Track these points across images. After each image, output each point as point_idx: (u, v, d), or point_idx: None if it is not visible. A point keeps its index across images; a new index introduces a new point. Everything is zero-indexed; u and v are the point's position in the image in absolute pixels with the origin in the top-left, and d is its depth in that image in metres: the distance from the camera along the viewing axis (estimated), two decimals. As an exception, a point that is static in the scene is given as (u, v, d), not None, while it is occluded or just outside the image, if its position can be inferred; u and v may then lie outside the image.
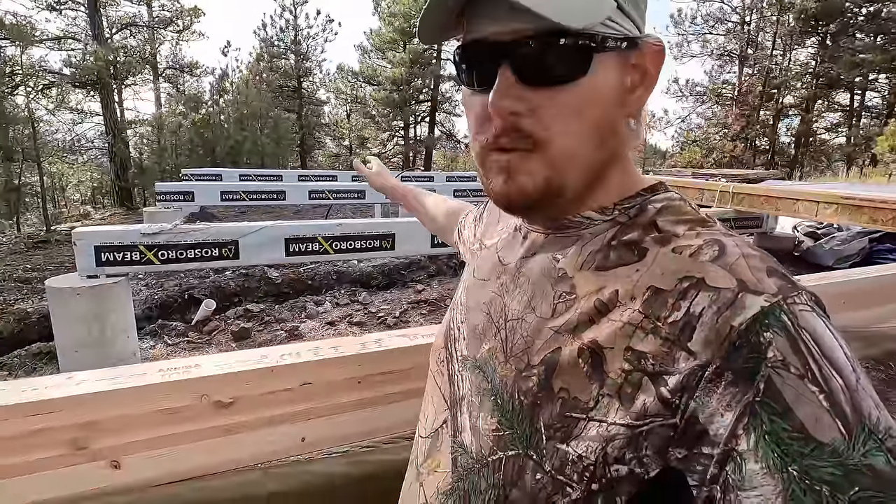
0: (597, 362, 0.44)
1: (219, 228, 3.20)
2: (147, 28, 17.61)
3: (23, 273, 6.35)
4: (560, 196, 0.50)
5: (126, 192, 15.85)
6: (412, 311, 4.54)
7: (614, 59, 0.47)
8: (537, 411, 0.46)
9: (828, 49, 21.05)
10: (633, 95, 0.49)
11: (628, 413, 0.41)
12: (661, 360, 0.40)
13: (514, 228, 0.63)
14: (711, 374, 0.37)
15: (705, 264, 0.43)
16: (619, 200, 0.52)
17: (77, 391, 1.05)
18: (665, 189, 0.53)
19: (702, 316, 0.40)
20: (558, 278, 0.52)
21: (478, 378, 0.56)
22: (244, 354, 1.27)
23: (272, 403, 1.23)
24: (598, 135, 0.48)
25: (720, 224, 0.49)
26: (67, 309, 2.85)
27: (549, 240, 0.56)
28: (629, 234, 0.49)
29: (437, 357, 0.68)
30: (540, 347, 0.49)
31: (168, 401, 1.12)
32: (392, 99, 21.83)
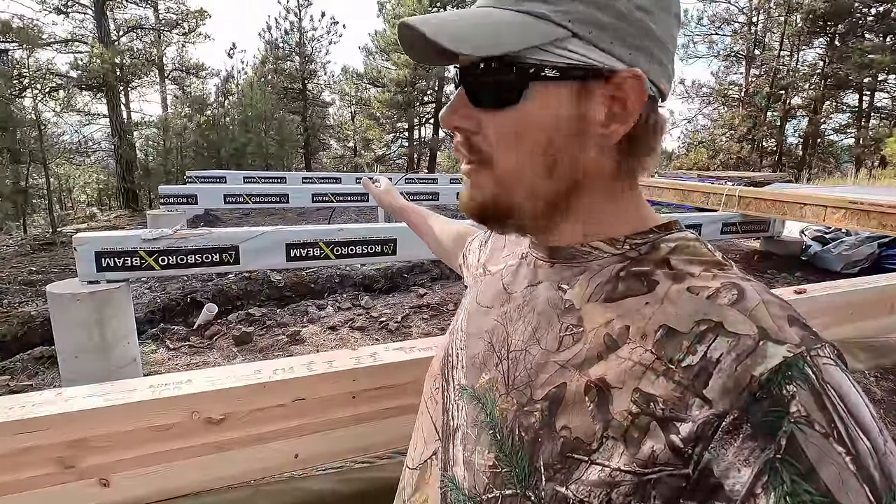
0: (603, 401, 0.42)
1: (219, 234, 3.20)
2: (153, 30, 17.72)
3: (28, 276, 6.39)
4: (510, 216, 0.51)
5: (132, 194, 15.94)
6: (414, 316, 4.52)
7: (562, 89, 0.46)
8: (538, 449, 0.44)
9: (836, 50, 20.89)
10: (608, 129, 0.47)
11: (634, 459, 0.38)
12: (672, 406, 0.38)
13: (521, 256, 0.61)
14: (729, 426, 0.35)
15: (724, 308, 0.40)
16: (630, 234, 0.50)
17: (66, 408, 1.04)
18: (680, 228, 0.51)
19: (719, 362, 0.38)
20: (565, 310, 0.50)
21: (475, 409, 0.53)
22: (236, 369, 1.26)
23: (264, 419, 1.21)
24: (544, 162, 0.48)
25: (736, 268, 0.47)
26: (68, 314, 2.85)
27: (555, 269, 0.54)
28: (639, 267, 0.48)
29: (431, 383, 0.66)
30: (544, 381, 0.47)
31: (158, 417, 1.10)
32: (396, 101, 21.84)
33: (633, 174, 0.51)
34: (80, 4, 16.24)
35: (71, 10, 16.16)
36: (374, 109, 22.94)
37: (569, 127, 0.47)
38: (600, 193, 0.51)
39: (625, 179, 0.51)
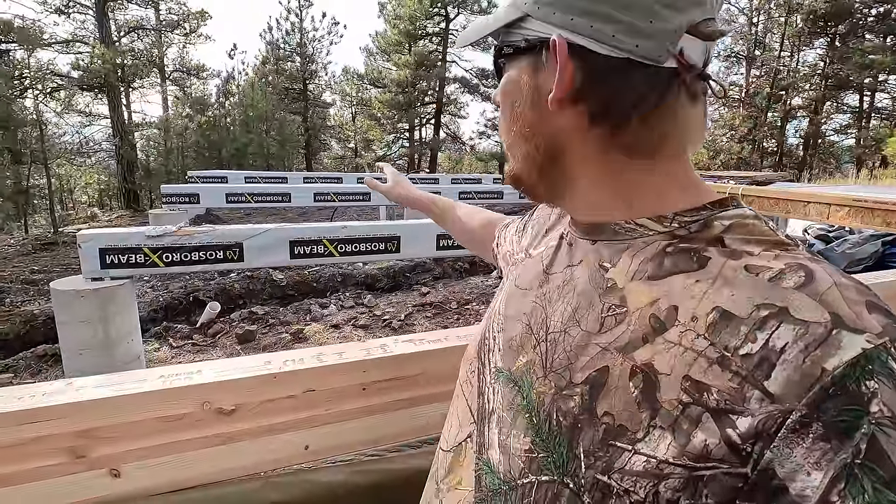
0: (649, 388, 0.39)
1: (223, 231, 3.19)
2: (154, 31, 17.73)
3: (29, 275, 6.38)
4: (523, 184, 0.55)
5: (133, 194, 15.94)
6: (417, 315, 4.51)
7: (524, 63, 0.50)
8: (577, 435, 0.42)
9: (837, 50, 20.90)
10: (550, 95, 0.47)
11: (685, 452, 0.36)
12: (728, 397, 0.35)
13: (561, 236, 0.60)
14: (796, 423, 0.32)
15: (788, 291, 0.37)
16: (680, 211, 0.47)
17: (76, 398, 1.03)
18: (737, 204, 0.47)
19: (784, 352, 0.34)
20: (607, 289, 0.47)
21: (511, 392, 0.52)
22: (247, 361, 1.25)
23: (275, 411, 1.20)
24: (519, 133, 0.52)
25: (804, 248, 0.43)
26: (72, 311, 2.84)
27: (596, 247, 0.51)
28: (688, 244, 0.45)
29: (468, 366, 0.64)
30: (584, 364, 0.45)
31: (169, 408, 1.09)
32: (397, 101, 21.85)
33: (632, 148, 0.47)
34: (81, 5, 16.26)
35: (72, 10, 16.18)
36: (375, 110, 22.96)
37: (528, 100, 0.50)
38: (595, 167, 0.50)
39: (622, 154, 0.48)
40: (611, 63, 0.44)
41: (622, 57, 0.44)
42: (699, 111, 0.48)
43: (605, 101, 0.46)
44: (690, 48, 0.44)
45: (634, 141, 0.47)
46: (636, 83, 0.45)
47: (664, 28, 0.43)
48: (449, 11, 22.13)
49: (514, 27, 0.50)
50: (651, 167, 0.49)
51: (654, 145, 0.47)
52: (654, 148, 0.48)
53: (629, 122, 0.46)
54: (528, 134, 0.51)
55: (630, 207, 0.49)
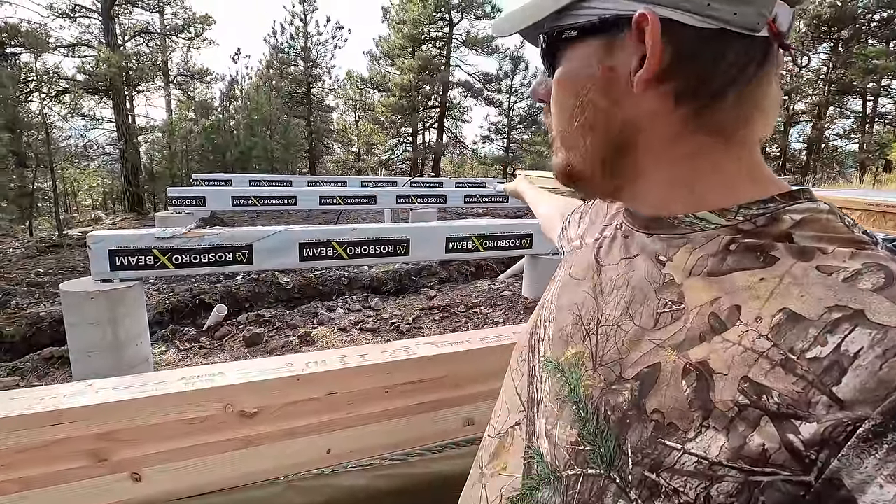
0: (703, 387, 0.38)
1: (233, 233, 3.18)
2: (159, 35, 17.81)
3: (35, 277, 6.38)
4: (578, 178, 0.51)
5: (137, 197, 15.97)
6: (425, 318, 4.49)
7: (588, 46, 0.46)
8: (625, 430, 0.41)
9: (840, 55, 20.89)
10: (636, 76, 0.44)
11: (740, 455, 0.34)
12: (791, 402, 0.33)
13: (616, 227, 0.58)
14: (868, 433, 0.31)
15: (866, 293, 0.35)
16: (745, 203, 0.44)
17: (97, 400, 1.01)
18: (810, 197, 0.43)
19: (857, 358, 0.32)
20: (664, 284, 0.46)
21: (559, 383, 0.51)
22: (268, 362, 1.23)
23: (297, 414, 1.18)
24: (583, 122, 0.48)
25: (883, 246, 0.40)
26: (81, 313, 2.82)
27: (653, 240, 0.49)
28: (754, 240, 0.42)
29: (518, 355, 0.63)
30: (636, 360, 0.44)
31: (191, 410, 1.07)
32: (401, 105, 21.90)
33: (717, 129, 0.44)
34: (87, 9, 16.35)
35: (78, 14, 16.27)
36: (379, 114, 23.01)
37: (600, 84, 0.46)
38: (668, 153, 0.46)
39: (705, 135, 0.45)
40: (703, 35, 0.41)
41: (716, 28, 0.41)
42: (778, 88, 0.46)
43: (697, 77, 0.43)
44: (782, 15, 0.43)
45: (718, 122, 0.44)
46: (733, 56, 0.42)
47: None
48: (452, 16, 22.21)
49: (571, 9, 0.46)
50: (725, 153, 0.46)
51: (736, 127, 0.45)
52: (735, 130, 0.45)
53: (720, 101, 0.43)
54: (599, 122, 0.47)
55: (693, 198, 0.46)
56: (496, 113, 25.00)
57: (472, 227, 3.85)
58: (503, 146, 25.02)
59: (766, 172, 0.47)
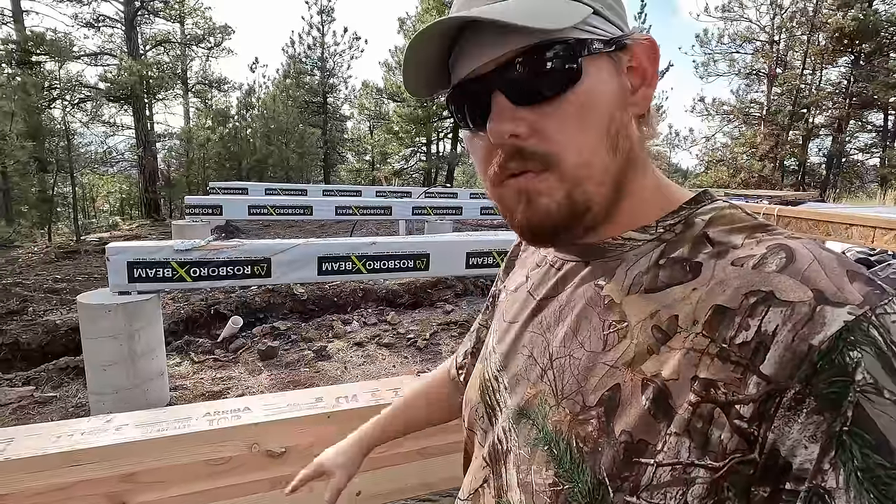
0: (661, 398, 0.39)
1: (251, 246, 3.13)
2: (180, 45, 18.10)
3: (53, 283, 6.41)
4: (588, 210, 0.46)
5: (154, 204, 16.15)
6: (442, 333, 4.40)
7: (606, 62, 0.45)
8: (598, 459, 0.41)
9: (862, 69, 20.59)
10: (636, 95, 0.47)
11: (706, 453, 0.36)
12: (734, 388, 0.36)
13: (549, 264, 0.58)
14: (790, 401, 0.33)
15: (772, 275, 0.38)
16: (661, 217, 0.48)
17: (116, 439, 0.94)
18: (711, 199, 0.48)
19: (776, 335, 0.35)
20: (605, 307, 0.47)
21: (526, 427, 0.50)
22: (296, 396, 1.16)
23: (327, 453, 1.10)
24: (609, 139, 0.45)
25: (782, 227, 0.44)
26: (98, 325, 2.79)
27: (590, 268, 0.51)
28: (678, 251, 0.45)
29: (470, 411, 0.61)
30: (595, 385, 0.44)
31: (215, 450, 1.00)
32: (416, 115, 21.97)
33: (650, 135, 0.49)
34: (111, 19, 16.68)
35: (101, 24, 16.61)
36: (394, 123, 23.10)
37: (618, 99, 0.45)
38: (640, 168, 0.48)
39: (644, 152, 0.49)
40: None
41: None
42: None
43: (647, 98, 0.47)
44: None
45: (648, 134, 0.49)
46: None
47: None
48: (468, 27, 22.30)
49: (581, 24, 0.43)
50: (646, 172, 0.49)
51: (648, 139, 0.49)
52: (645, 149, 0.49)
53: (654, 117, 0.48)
54: (620, 142, 0.45)
55: (624, 220, 0.48)
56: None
57: (493, 241, 3.77)
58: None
59: (667, 184, 0.50)
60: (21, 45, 13.66)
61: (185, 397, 3.30)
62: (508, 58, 0.43)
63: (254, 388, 3.46)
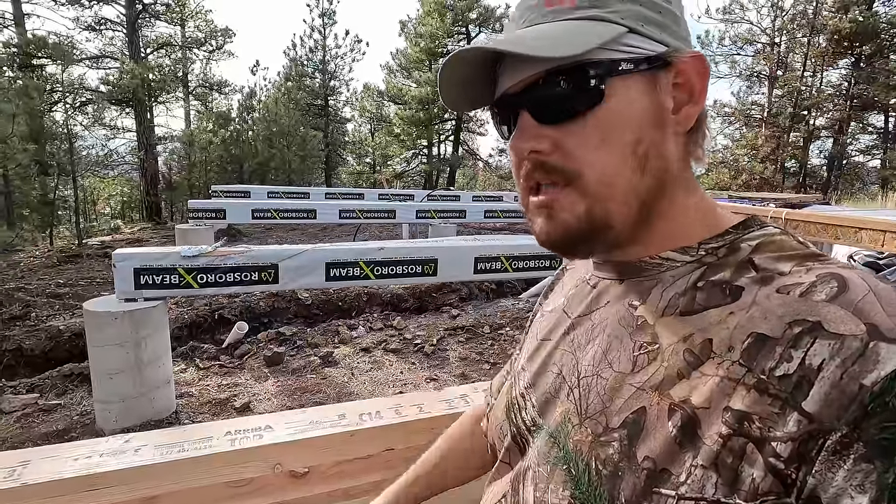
0: (689, 426, 0.37)
1: (259, 252, 3.10)
2: (181, 48, 18.10)
3: (55, 288, 6.37)
4: (609, 227, 0.46)
5: (155, 207, 16.13)
6: (449, 339, 4.36)
7: (638, 81, 0.44)
8: (617, 484, 0.40)
9: (862, 71, 20.59)
10: (679, 114, 0.46)
11: (734, 491, 0.34)
12: (770, 423, 0.33)
13: (584, 281, 0.57)
14: (836, 444, 0.31)
15: (820, 305, 0.35)
16: (704, 239, 0.46)
17: (134, 461, 0.91)
18: (760, 224, 0.46)
19: (821, 370, 0.33)
20: (637, 327, 0.46)
21: (547, 445, 0.49)
22: (318, 413, 1.12)
23: (351, 472, 1.07)
24: (636, 159, 0.44)
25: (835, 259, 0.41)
26: (104, 333, 2.75)
27: (624, 286, 0.50)
28: (719, 274, 0.43)
29: (495, 429, 0.62)
30: (620, 407, 0.43)
31: (237, 472, 0.97)
32: (417, 118, 21.97)
33: (690, 167, 0.48)
34: (112, 22, 16.69)
35: (103, 27, 16.62)
36: (395, 126, 23.10)
37: (651, 118, 0.45)
38: (680, 189, 0.47)
39: (689, 172, 0.48)
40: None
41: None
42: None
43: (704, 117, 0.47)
44: None
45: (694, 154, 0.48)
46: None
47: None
48: (470, 30, 22.34)
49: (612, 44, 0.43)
50: (690, 192, 0.48)
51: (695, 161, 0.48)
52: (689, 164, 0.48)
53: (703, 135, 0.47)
54: (650, 161, 0.45)
55: (661, 240, 0.47)
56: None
57: (501, 246, 3.73)
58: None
59: (714, 206, 0.49)
60: (23, 49, 13.66)
61: (192, 405, 3.26)
62: (534, 79, 0.45)
63: (260, 395, 3.42)
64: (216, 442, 0.98)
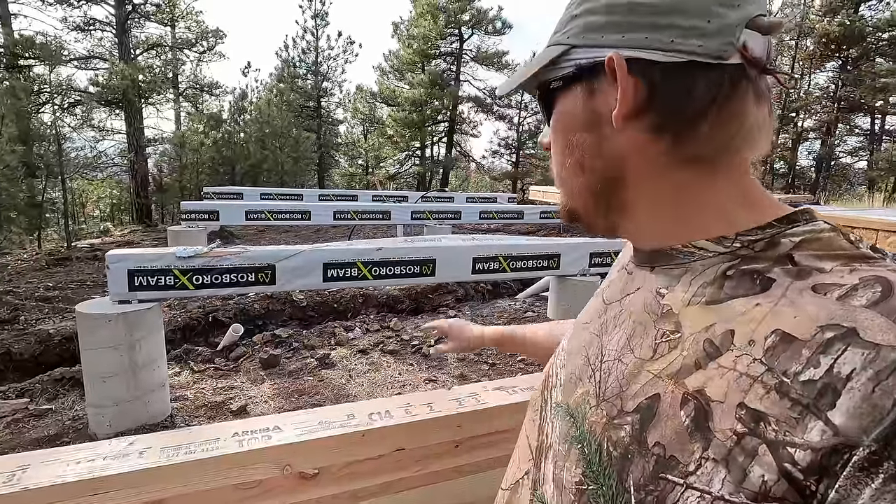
0: (701, 417, 0.37)
1: (255, 252, 3.05)
2: (171, 49, 17.92)
3: (44, 291, 6.27)
4: (576, 218, 0.54)
5: (146, 209, 15.94)
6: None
7: (576, 91, 0.48)
8: (627, 466, 0.40)
9: (849, 73, 20.87)
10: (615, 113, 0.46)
11: (741, 488, 0.33)
12: (787, 428, 0.32)
13: (622, 267, 0.59)
14: (864, 461, 0.29)
15: (858, 310, 0.33)
16: (743, 231, 0.44)
17: (140, 464, 0.88)
18: (810, 218, 0.43)
19: (850, 380, 0.31)
20: (662, 315, 0.46)
21: (567, 424, 0.51)
22: (327, 413, 1.10)
23: (361, 473, 1.04)
24: (573, 162, 0.50)
25: (892, 260, 0.38)
26: (97, 335, 2.69)
27: (655, 274, 0.50)
28: (752, 265, 0.42)
29: (532, 405, 0.64)
30: (635, 392, 0.43)
31: (246, 474, 0.94)
32: (411, 119, 21.93)
33: (701, 158, 0.45)
34: (101, 22, 16.50)
35: (92, 28, 16.42)
36: (388, 127, 23.04)
37: (584, 125, 0.48)
38: (656, 185, 0.47)
39: (690, 165, 0.45)
40: (673, 69, 0.43)
41: (684, 60, 0.42)
42: (765, 112, 0.45)
43: (670, 108, 0.44)
44: (753, 42, 0.42)
45: (699, 150, 0.45)
46: (702, 85, 0.42)
47: (724, 24, 0.42)
48: (463, 32, 22.35)
49: (558, 63, 0.49)
50: (713, 182, 0.46)
51: (719, 154, 0.45)
52: (718, 157, 0.45)
53: (696, 129, 0.44)
54: (586, 162, 0.49)
55: (690, 229, 0.47)
56: (506, 128, 25.02)
57: (499, 246, 3.72)
58: (512, 161, 25.01)
59: (762, 197, 0.47)
60: (9, 49, 13.46)
61: (187, 408, 3.21)
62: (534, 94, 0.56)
63: (257, 398, 3.37)
64: (223, 443, 0.95)
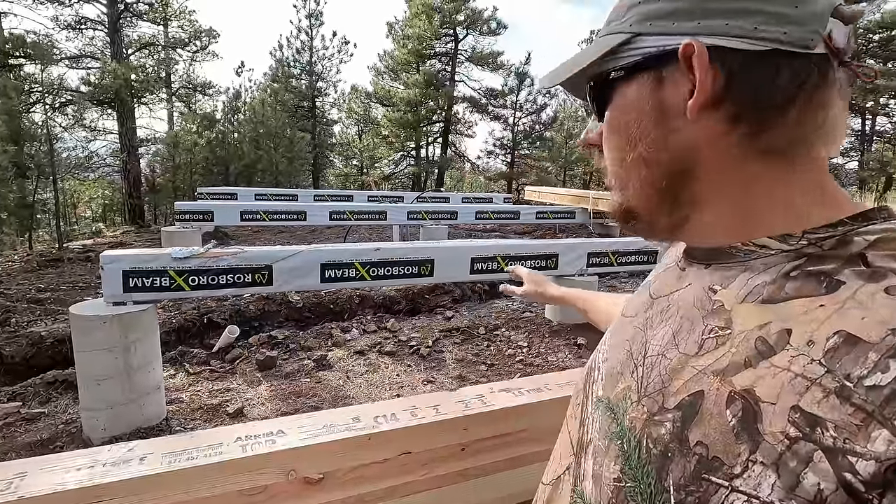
0: (749, 417, 0.35)
1: (252, 253, 3.02)
2: (164, 48, 17.79)
3: (35, 293, 6.19)
4: (634, 217, 0.51)
5: (139, 210, 15.82)
6: (445, 340, 4.32)
7: (640, 81, 0.46)
8: (667, 465, 0.39)
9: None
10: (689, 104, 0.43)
11: (793, 495, 0.31)
12: (847, 435, 0.30)
13: (675, 264, 0.56)
14: None
15: None
16: (810, 228, 0.41)
17: (141, 470, 0.85)
18: (888, 216, 0.40)
19: None
20: (712, 311, 0.44)
21: (607, 420, 0.50)
22: (331, 416, 1.07)
23: (367, 477, 1.02)
24: (636, 157, 0.47)
25: None
26: (92, 337, 2.66)
27: (709, 271, 0.48)
28: (819, 265, 0.39)
29: (574, 400, 0.63)
30: (678, 388, 0.41)
31: (250, 479, 0.91)
32: (406, 119, 21.90)
33: (777, 151, 0.42)
34: (93, 21, 16.36)
35: (83, 27, 16.28)
36: (383, 128, 22.99)
37: (650, 116, 0.46)
38: (728, 179, 0.45)
39: (765, 159, 0.43)
40: (755, 57, 0.40)
41: (767, 49, 0.40)
42: (843, 105, 0.43)
43: (751, 99, 0.41)
44: (837, 31, 0.40)
45: (775, 142, 0.42)
46: (787, 75, 0.40)
47: (811, 11, 0.40)
48: (458, 32, 22.35)
49: (618, 52, 0.47)
50: (788, 176, 0.43)
51: (794, 147, 0.43)
52: (793, 150, 0.43)
53: (777, 120, 0.41)
54: (651, 155, 0.46)
55: (754, 225, 0.44)
56: (501, 128, 25.02)
57: (497, 246, 3.71)
58: (507, 161, 25.03)
59: (837, 194, 0.44)
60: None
61: (182, 411, 3.17)
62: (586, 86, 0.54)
63: (253, 400, 3.34)
64: (226, 448, 0.93)
